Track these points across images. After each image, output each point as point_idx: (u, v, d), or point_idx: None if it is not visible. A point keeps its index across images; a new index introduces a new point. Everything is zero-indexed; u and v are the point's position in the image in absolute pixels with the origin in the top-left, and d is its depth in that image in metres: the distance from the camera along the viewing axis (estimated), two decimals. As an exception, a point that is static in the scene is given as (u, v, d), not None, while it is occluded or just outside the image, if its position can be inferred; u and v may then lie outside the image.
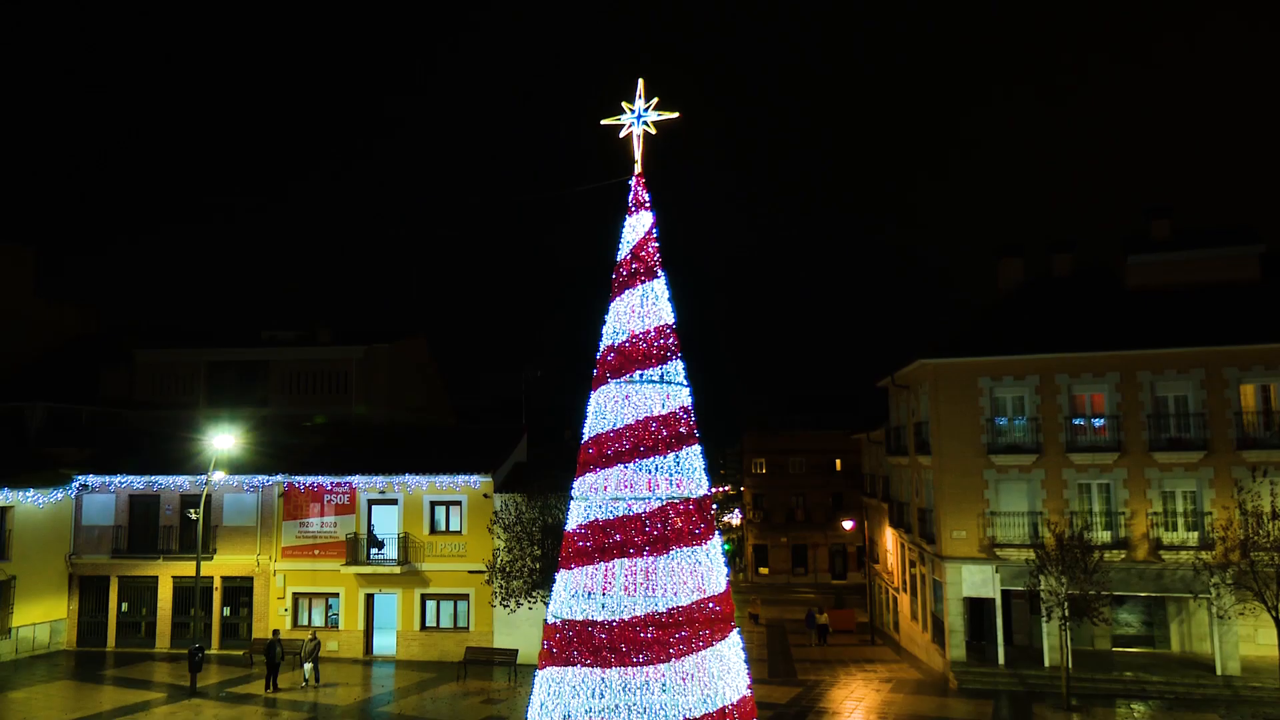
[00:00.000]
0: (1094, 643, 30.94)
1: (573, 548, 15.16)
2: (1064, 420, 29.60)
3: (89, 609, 34.62)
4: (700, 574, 14.85)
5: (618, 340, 15.58)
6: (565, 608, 14.93)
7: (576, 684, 14.30)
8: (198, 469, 33.05)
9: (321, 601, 33.59)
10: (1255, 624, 28.24)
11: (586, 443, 15.55)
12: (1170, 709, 25.61)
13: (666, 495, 14.85)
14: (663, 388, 15.33)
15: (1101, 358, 29.43)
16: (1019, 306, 33.29)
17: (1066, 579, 25.87)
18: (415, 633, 32.89)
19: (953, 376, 30.72)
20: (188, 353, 42.44)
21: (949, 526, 30.19)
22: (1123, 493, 28.93)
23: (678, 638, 14.26)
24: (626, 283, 15.78)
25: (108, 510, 34.63)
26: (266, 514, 33.91)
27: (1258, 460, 27.65)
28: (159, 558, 33.96)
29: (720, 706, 14.42)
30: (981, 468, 30.03)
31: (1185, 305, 30.59)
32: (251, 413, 38.18)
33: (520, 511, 30.46)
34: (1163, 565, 28.25)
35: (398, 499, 33.34)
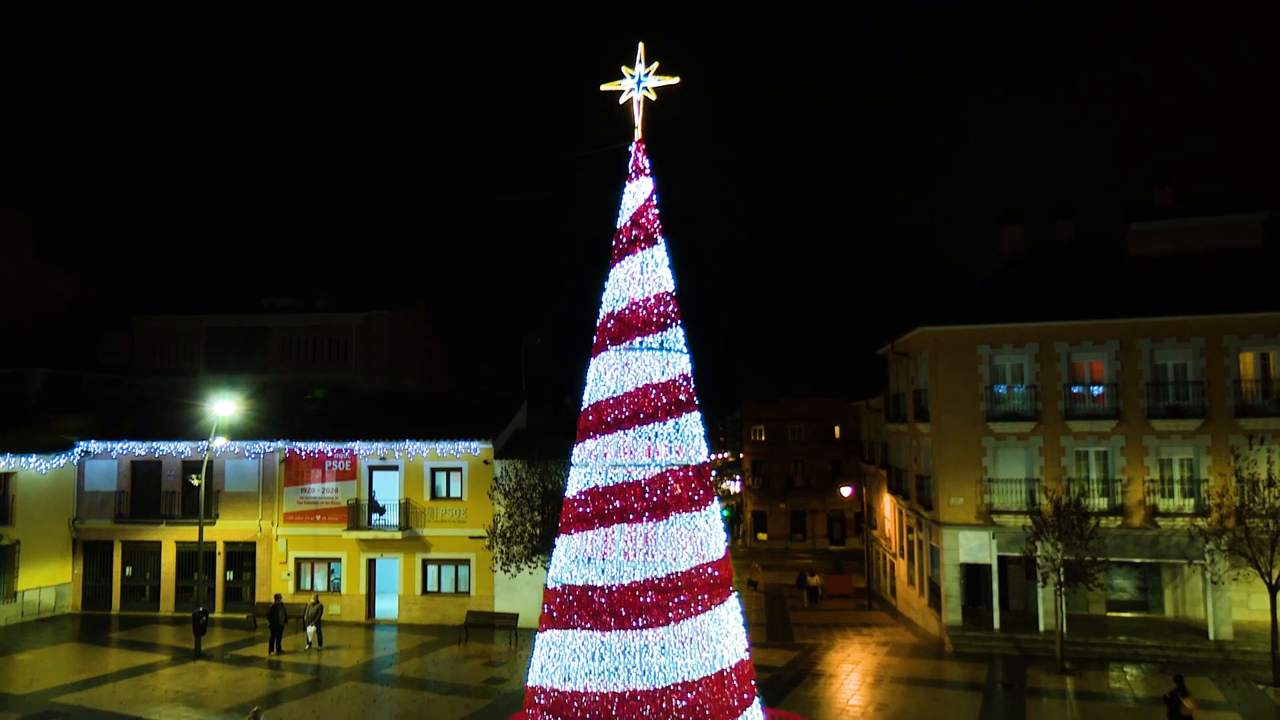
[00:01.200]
0: (1088, 608, 31.27)
1: (573, 513, 15.28)
2: (1063, 388, 29.67)
3: (93, 573, 34.93)
4: (699, 540, 14.97)
5: (617, 307, 15.57)
6: (565, 572, 15.08)
7: (576, 647, 14.48)
8: (199, 435, 33.18)
9: (324, 566, 33.89)
10: (1249, 589, 28.53)
11: (586, 410, 15.60)
12: (1163, 672, 25.94)
13: (666, 462, 14.93)
14: (662, 355, 15.35)
15: (1101, 325, 29.43)
16: (1019, 274, 33.23)
17: (1063, 545, 26.09)
18: (417, 597, 33.22)
19: (952, 344, 30.74)
20: (187, 319, 42.41)
21: (947, 493, 30.38)
22: (1120, 460, 29.08)
23: (677, 602, 14.41)
24: (626, 249, 15.74)
25: (110, 476, 34.82)
26: (268, 480, 34.10)
27: (1255, 428, 27.76)
28: (162, 523, 34.21)
29: (719, 669, 14.61)
30: (980, 435, 30.16)
31: (1186, 273, 30.54)
32: (252, 379, 38.27)
33: (520, 478, 30.63)
34: (1158, 532, 28.48)
35: (398, 465, 33.51)
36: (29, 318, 42.51)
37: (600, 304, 15.91)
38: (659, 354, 15.32)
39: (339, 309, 42.83)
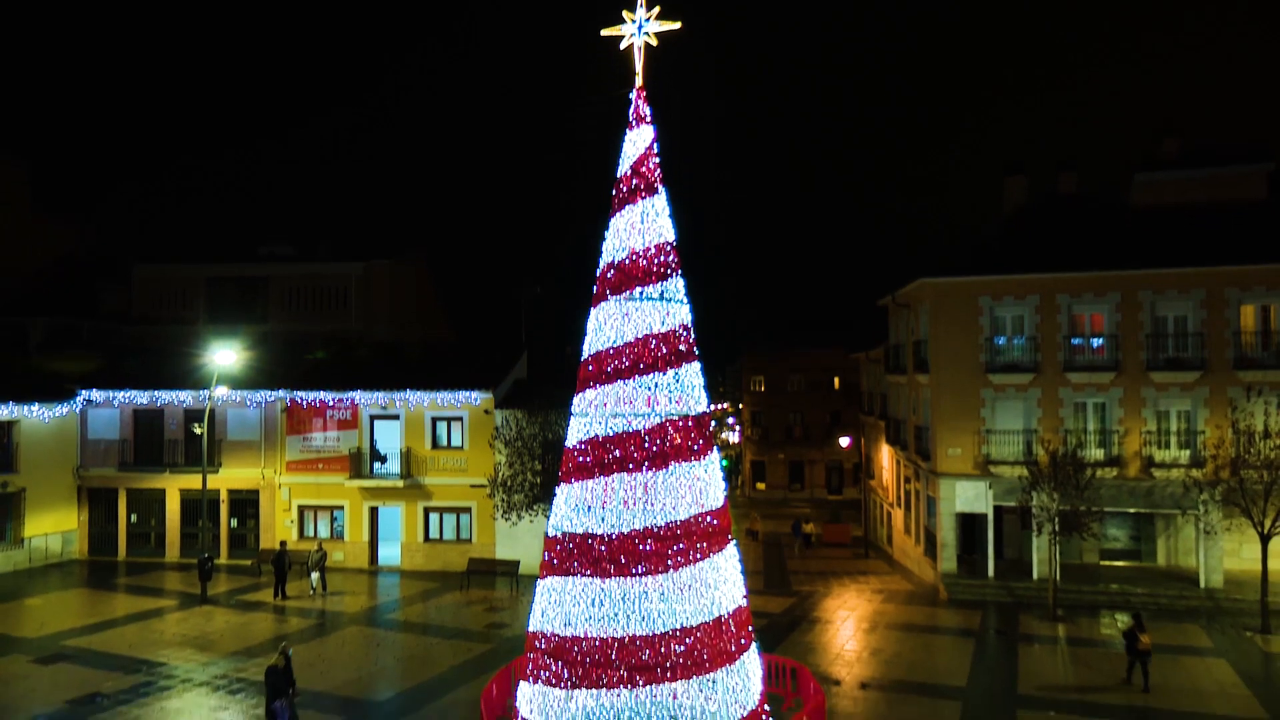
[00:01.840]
0: (1082, 556, 31.69)
1: (573, 463, 15.39)
2: (1063, 340, 29.70)
3: (99, 520, 35.34)
4: (698, 489, 15.11)
5: (618, 257, 15.51)
6: (566, 520, 15.25)
7: (577, 593, 14.71)
8: (200, 384, 33.29)
9: (326, 514, 34.26)
10: (1240, 539, 28.88)
11: (586, 360, 15.63)
12: (1153, 619, 26.36)
13: (666, 412, 15.00)
14: (662, 305, 15.33)
15: (1103, 277, 29.34)
16: (1022, 226, 33.04)
17: (1058, 495, 26.35)
18: (419, 544, 33.63)
19: (953, 295, 30.69)
20: (186, 268, 42.28)
21: (945, 444, 30.59)
22: (1118, 412, 29.22)
23: (676, 550, 14.60)
24: (627, 199, 15.63)
25: (112, 424, 35.03)
26: (270, 429, 34.30)
27: (1254, 380, 27.85)
28: (165, 471, 34.50)
29: (716, 615, 14.86)
30: (979, 386, 30.26)
31: (1190, 225, 30.37)
32: (251, 329, 38.29)
33: (521, 427, 30.80)
34: (1153, 482, 28.73)
35: (399, 415, 33.68)
36: (27, 267, 42.38)
37: (600, 254, 15.85)
38: (659, 304, 15.30)
39: (338, 258, 42.66)
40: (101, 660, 21.66)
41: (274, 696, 16.69)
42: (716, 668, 14.67)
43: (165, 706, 18.53)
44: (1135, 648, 20.11)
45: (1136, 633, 20.12)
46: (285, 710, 16.99)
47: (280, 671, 16.83)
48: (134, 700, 18.85)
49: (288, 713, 17.08)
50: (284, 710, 16.96)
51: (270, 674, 16.84)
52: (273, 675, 16.82)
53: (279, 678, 16.82)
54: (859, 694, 19.66)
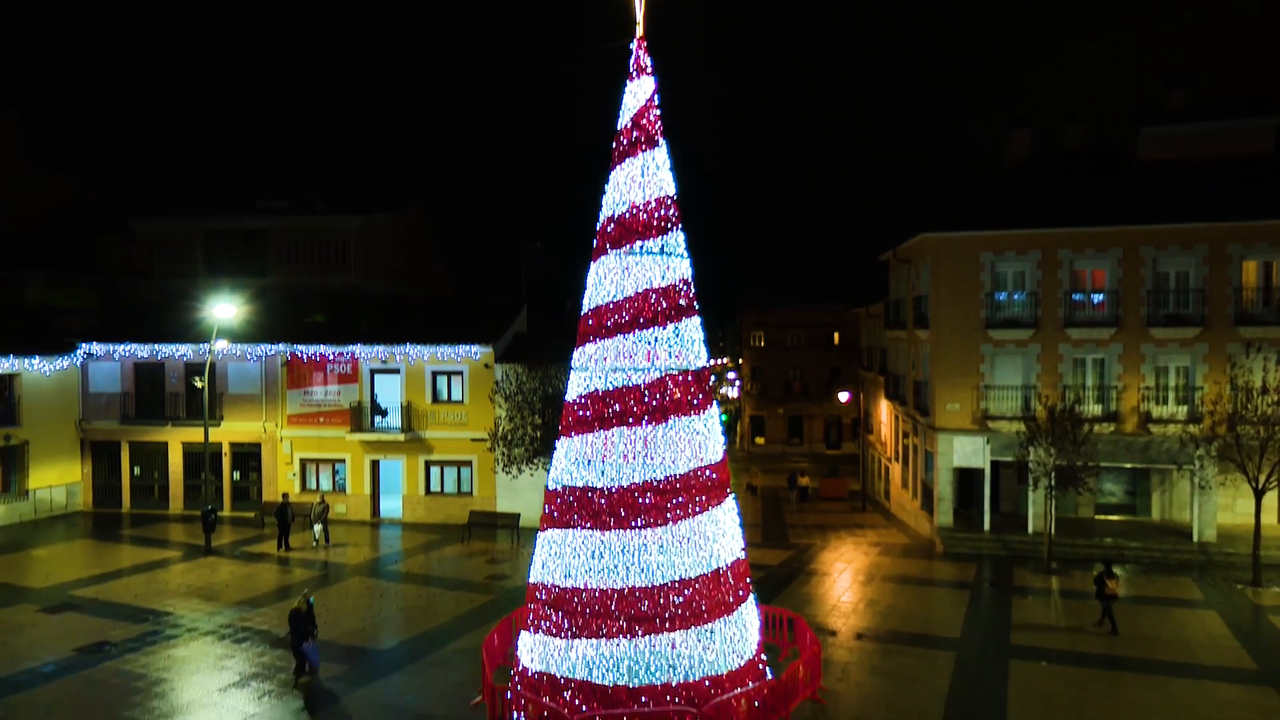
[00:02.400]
0: (1077, 511, 31.98)
1: (573, 417, 15.46)
2: (1063, 295, 29.64)
3: (102, 472, 35.60)
4: (697, 443, 15.20)
5: (618, 211, 15.42)
6: (566, 474, 15.37)
7: (577, 546, 14.88)
8: (200, 338, 33.30)
9: (328, 467, 34.50)
10: (1235, 494, 29.13)
11: (586, 314, 15.61)
12: (1146, 572, 26.73)
13: (665, 366, 15.03)
14: (663, 259, 15.28)
15: (1105, 233, 29.19)
16: (1025, 180, 32.78)
17: (1055, 450, 26.52)
18: (420, 497, 33.92)
19: (954, 251, 30.56)
20: (184, 222, 41.98)
21: (943, 399, 30.69)
22: (1117, 368, 29.28)
23: (675, 503, 14.73)
24: (627, 152, 15.48)
25: (113, 378, 35.11)
26: (271, 382, 34.40)
27: (1254, 336, 27.86)
28: (167, 424, 34.66)
29: (715, 568, 15.05)
30: (979, 342, 30.27)
31: (1195, 179, 30.13)
32: (250, 283, 38.13)
33: (521, 381, 30.88)
34: (1150, 438, 28.89)
35: (400, 369, 33.75)
36: (24, 220, 42.09)
37: (600, 208, 15.75)
38: (659, 258, 15.24)
39: (337, 212, 42.34)
40: (108, 610, 21.98)
41: (300, 639, 17.21)
42: (715, 618, 14.90)
43: (173, 655, 18.85)
44: (1104, 592, 21.05)
45: (1105, 579, 21.05)
46: (315, 650, 17.57)
47: (303, 615, 17.32)
48: (141, 649, 19.17)
49: (318, 653, 17.63)
50: (314, 650, 17.54)
51: (294, 617, 17.32)
52: (296, 619, 17.30)
53: (302, 620, 17.30)
54: (855, 644, 19.98)
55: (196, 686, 17.11)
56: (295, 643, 17.33)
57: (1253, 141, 30.82)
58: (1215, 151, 30.84)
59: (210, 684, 17.23)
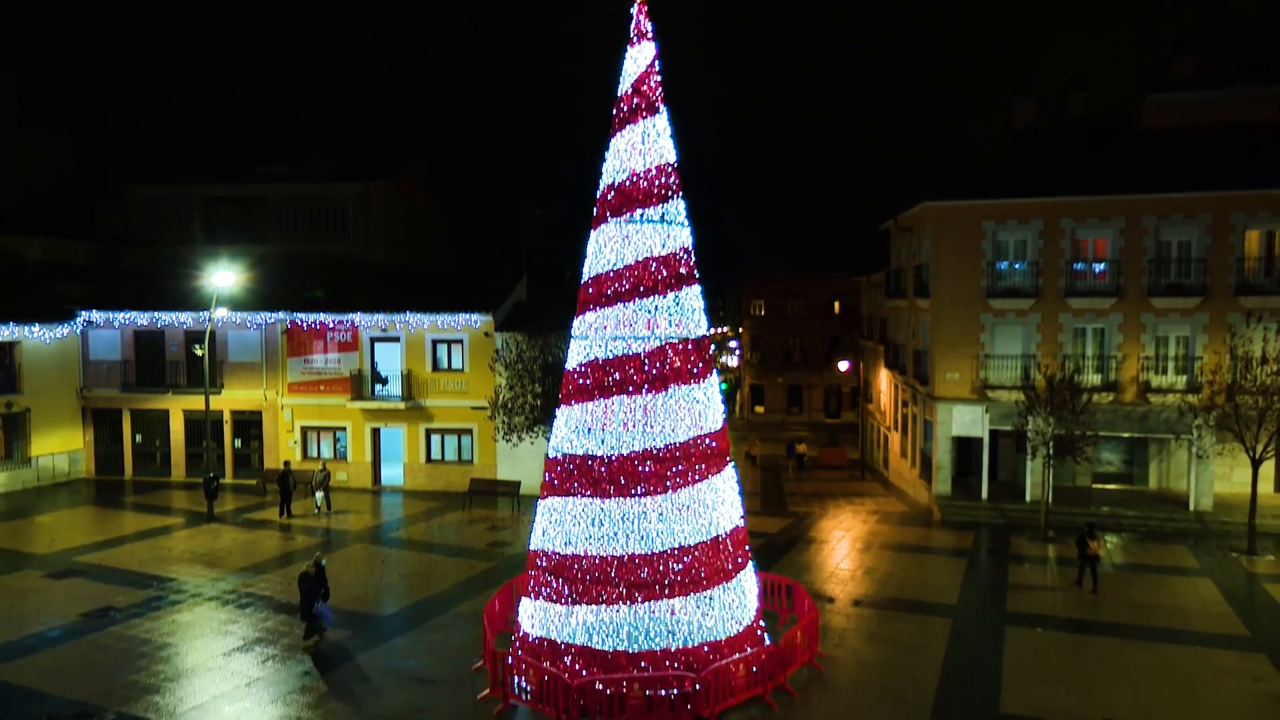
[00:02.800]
0: (1075, 480, 32.14)
1: (573, 385, 15.50)
2: (1065, 265, 29.55)
3: (104, 440, 35.72)
4: (697, 411, 15.26)
5: (618, 179, 15.35)
6: (566, 442, 15.43)
7: (577, 513, 14.99)
8: (199, 306, 33.25)
9: (329, 435, 34.61)
10: (1232, 463, 29.26)
11: (586, 283, 15.59)
12: (1141, 541, 26.93)
13: (665, 335, 15.04)
14: (663, 227, 15.23)
15: (1108, 202, 29.04)
16: (1028, 149, 32.55)
17: (1054, 419, 26.59)
18: (421, 465, 34.08)
19: (956, 219, 30.43)
20: (182, 188, 41.73)
21: (943, 368, 30.72)
22: (1117, 337, 29.27)
23: (674, 471, 14.82)
24: (627, 119, 15.37)
25: (114, 345, 35.12)
26: (271, 350, 34.41)
27: (1254, 306, 27.81)
28: (168, 392, 34.73)
29: (714, 535, 15.17)
30: (979, 311, 30.24)
31: (1199, 148, 29.91)
32: (249, 250, 37.97)
33: (521, 350, 30.89)
34: (1149, 407, 28.96)
35: (400, 337, 33.74)
36: (20, 186, 41.80)
37: (601, 175, 15.67)
38: (659, 226, 15.20)
39: (335, 179, 42.07)
40: (113, 576, 22.17)
41: (309, 601, 17.45)
42: (714, 585, 15.05)
43: (177, 620, 19.04)
44: (1085, 553, 21.70)
45: (1086, 540, 21.65)
46: (328, 611, 17.84)
47: (311, 577, 17.57)
48: (146, 614, 19.36)
49: (330, 614, 17.93)
50: (326, 611, 17.80)
51: (303, 580, 17.56)
52: (305, 581, 17.54)
53: (312, 583, 17.53)
54: (852, 611, 20.18)
55: (201, 651, 17.31)
56: (305, 606, 17.57)
57: (1259, 109, 30.56)
58: (1221, 119, 30.59)
59: (215, 648, 17.42)
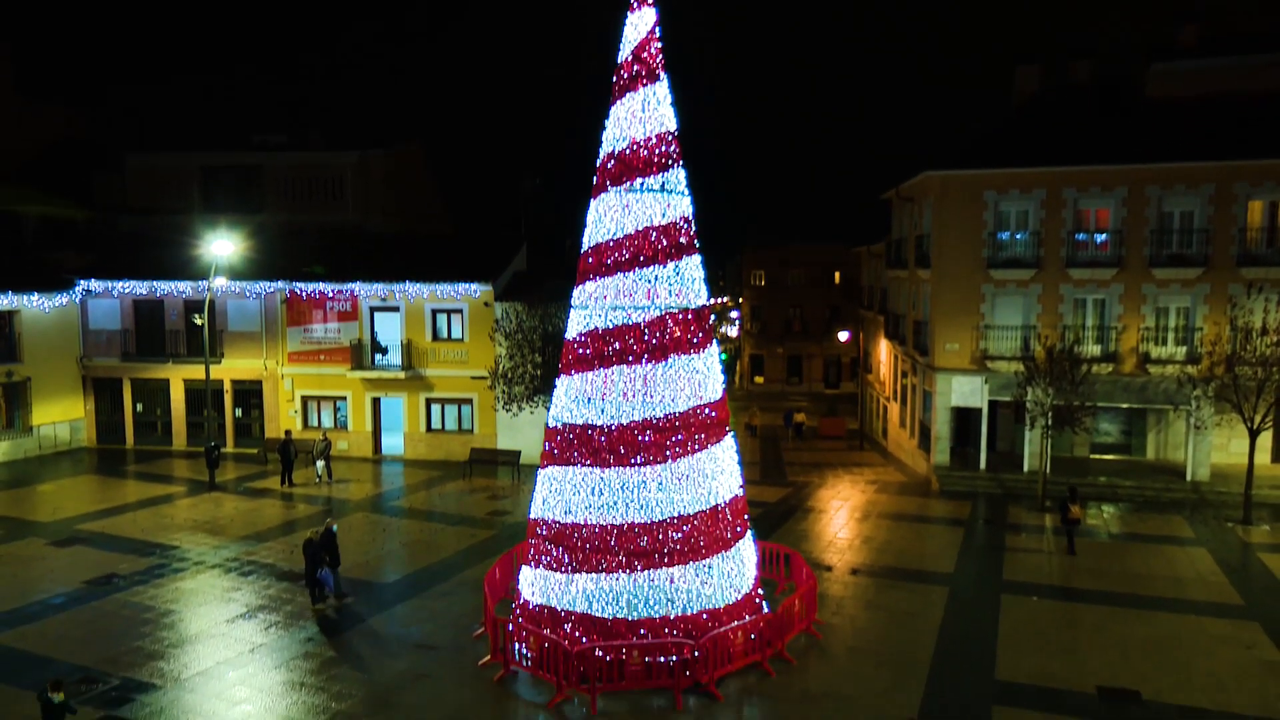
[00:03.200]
0: (1073, 450, 32.25)
1: (573, 355, 15.51)
2: (1066, 235, 29.43)
3: (105, 409, 35.79)
4: (697, 381, 15.28)
5: (618, 147, 15.24)
6: (566, 412, 15.47)
7: (577, 482, 15.06)
8: (198, 275, 33.18)
9: (330, 404, 34.68)
10: (1230, 434, 29.34)
11: (586, 252, 15.55)
12: (1138, 510, 27.08)
13: (665, 305, 15.02)
14: (663, 196, 15.15)
15: (1111, 171, 28.86)
16: (1032, 118, 32.29)
17: (1053, 390, 26.64)
18: (421, 434, 34.18)
19: (958, 189, 30.26)
20: (180, 156, 41.47)
21: (943, 339, 30.71)
22: (1117, 308, 29.23)
23: (674, 441, 14.86)
24: (627, 86, 15.24)
25: (113, 315, 35.08)
26: (270, 320, 34.37)
27: (1256, 277, 27.74)
28: (168, 361, 34.74)
29: (713, 504, 15.25)
30: (980, 282, 30.17)
31: (1203, 117, 29.68)
32: (247, 219, 37.81)
33: (521, 319, 30.86)
34: (1148, 378, 28.99)
35: (399, 306, 33.69)
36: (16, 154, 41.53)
37: (601, 143, 15.56)
38: (660, 195, 15.12)
39: (333, 147, 41.79)
40: (116, 543, 22.32)
41: (314, 566, 17.80)
42: (713, 554, 15.16)
43: (180, 587, 19.20)
44: (1066, 517, 22.36)
45: (1068, 504, 22.34)
46: (330, 576, 18.15)
47: (316, 544, 17.92)
48: (150, 581, 19.52)
49: (333, 578, 18.22)
50: (329, 576, 18.11)
51: (307, 546, 17.89)
52: (310, 547, 17.86)
53: (316, 549, 17.86)
54: (850, 579, 20.34)
55: (204, 618, 17.47)
56: (309, 571, 17.83)
57: (1265, 78, 30.26)
58: (1227, 88, 30.32)
59: (218, 615, 17.58)
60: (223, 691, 14.33)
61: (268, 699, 14.11)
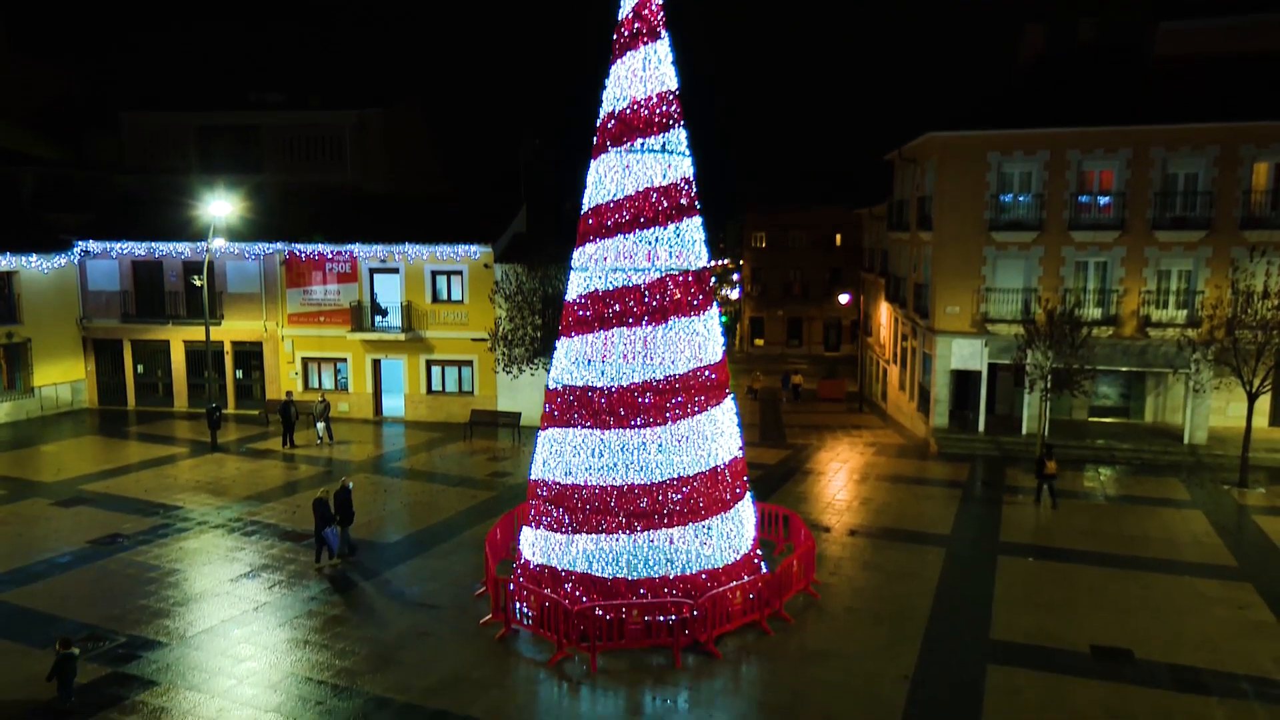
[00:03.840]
0: (1071, 413, 32.35)
1: (573, 317, 15.49)
2: (1069, 198, 29.24)
3: (105, 370, 35.84)
4: (697, 344, 15.28)
5: (618, 107, 15.09)
6: (566, 374, 15.49)
7: (577, 444, 15.12)
8: (197, 236, 33.03)
9: (330, 366, 34.72)
10: (1228, 398, 29.40)
11: (586, 213, 15.47)
12: (1135, 473, 27.24)
13: (666, 267, 14.98)
14: (664, 157, 15.04)
15: (1116, 133, 28.59)
16: (1037, 78, 31.92)
17: (1053, 353, 26.65)
18: (422, 396, 34.26)
19: (961, 150, 30.01)
20: (177, 115, 41.12)
21: (944, 302, 30.66)
22: (1119, 271, 29.14)
23: (674, 403, 14.90)
24: (628, 44, 15.05)
25: (112, 276, 34.98)
26: (270, 281, 34.28)
27: (1259, 240, 27.62)
28: (168, 323, 34.71)
29: (712, 466, 15.34)
30: (981, 244, 30.04)
31: (1211, 77, 29.33)
32: (246, 179, 37.58)
33: (521, 281, 30.80)
34: (1148, 341, 28.99)
35: (399, 268, 33.59)
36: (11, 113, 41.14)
37: (601, 103, 15.41)
38: (660, 156, 15.01)
39: (331, 107, 41.40)
40: (119, 504, 22.49)
41: (323, 524, 18.05)
42: (712, 515, 15.28)
43: (184, 547, 19.38)
44: (1043, 473, 23.25)
45: (1044, 460, 23.27)
46: (335, 534, 18.39)
47: (326, 503, 18.20)
48: (153, 540, 19.70)
49: (338, 536, 18.47)
50: (334, 535, 18.35)
51: (317, 505, 18.16)
52: (320, 506, 18.13)
53: (325, 508, 18.13)
54: (848, 540, 20.52)
55: (209, 577, 17.65)
56: (317, 529, 18.11)
57: (1276, 37, 29.85)
58: (1236, 48, 29.89)
59: (222, 574, 17.77)
60: (228, 649, 14.53)
61: (272, 656, 14.31)
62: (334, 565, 18.29)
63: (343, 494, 18.88)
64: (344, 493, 18.93)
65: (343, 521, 18.72)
